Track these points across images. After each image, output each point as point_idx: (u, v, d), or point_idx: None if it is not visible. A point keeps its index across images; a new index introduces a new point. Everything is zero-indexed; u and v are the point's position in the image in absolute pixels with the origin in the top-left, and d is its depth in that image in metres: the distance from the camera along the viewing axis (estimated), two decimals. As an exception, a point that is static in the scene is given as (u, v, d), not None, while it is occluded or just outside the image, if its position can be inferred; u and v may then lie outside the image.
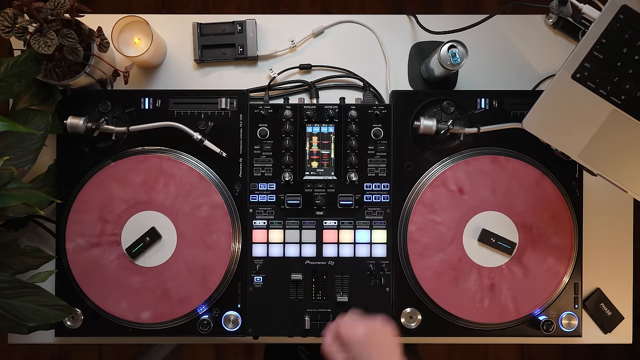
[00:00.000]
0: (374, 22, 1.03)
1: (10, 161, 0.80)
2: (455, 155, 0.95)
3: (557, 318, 0.93)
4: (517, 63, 1.02)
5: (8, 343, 0.98)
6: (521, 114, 0.91)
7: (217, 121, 0.94)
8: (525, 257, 0.93)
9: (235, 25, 1.00)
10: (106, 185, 0.92)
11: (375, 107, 0.95)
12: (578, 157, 0.84)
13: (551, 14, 1.01)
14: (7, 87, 0.82)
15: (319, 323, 0.93)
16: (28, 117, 0.86)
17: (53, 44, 0.81)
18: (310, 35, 1.02)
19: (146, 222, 0.92)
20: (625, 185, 0.83)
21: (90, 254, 0.92)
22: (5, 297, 0.79)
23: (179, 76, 1.02)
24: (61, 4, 0.82)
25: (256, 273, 0.93)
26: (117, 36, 0.93)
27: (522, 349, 1.88)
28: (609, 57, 0.82)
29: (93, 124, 0.90)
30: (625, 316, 1.00)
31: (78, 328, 0.93)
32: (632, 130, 0.83)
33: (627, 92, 0.83)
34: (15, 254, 0.87)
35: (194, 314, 0.93)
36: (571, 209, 0.93)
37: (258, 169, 0.94)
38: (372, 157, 0.95)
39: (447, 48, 0.91)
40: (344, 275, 0.94)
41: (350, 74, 1.01)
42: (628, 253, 1.02)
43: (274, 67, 1.02)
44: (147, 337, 0.95)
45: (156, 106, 0.94)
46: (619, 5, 0.82)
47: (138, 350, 1.78)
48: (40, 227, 0.98)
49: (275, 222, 0.94)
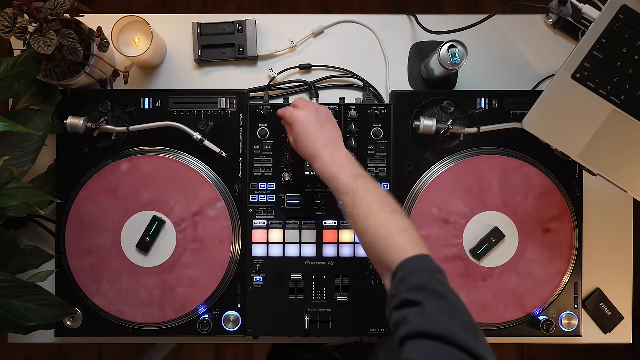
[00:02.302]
0: (374, 22, 1.03)
1: (10, 161, 0.80)
2: (455, 155, 0.95)
3: (557, 318, 0.93)
4: (517, 63, 1.02)
5: (8, 343, 0.98)
6: (521, 114, 0.91)
7: (217, 121, 0.94)
8: (525, 257, 0.93)
9: (235, 25, 1.00)
10: (106, 186, 0.92)
11: (375, 107, 0.95)
12: (578, 157, 0.84)
13: (551, 14, 1.01)
14: (7, 87, 0.82)
15: (319, 323, 0.93)
16: (28, 117, 0.86)
17: (53, 44, 0.81)
18: (310, 35, 1.02)
19: (146, 222, 0.92)
20: (625, 185, 0.83)
21: (90, 254, 0.92)
22: (5, 297, 0.79)
23: (179, 76, 1.02)
24: (61, 4, 0.82)
25: (256, 273, 0.93)
26: (117, 36, 0.93)
27: (522, 349, 1.88)
28: (609, 57, 0.82)
29: (93, 124, 0.90)
30: (625, 316, 1.00)
31: (78, 328, 0.93)
32: (632, 130, 0.83)
33: (627, 92, 0.83)
34: (15, 254, 0.87)
35: (194, 314, 0.93)
36: (571, 209, 0.93)
37: (258, 169, 0.94)
38: (372, 157, 0.95)
39: (447, 48, 0.91)
40: (344, 275, 0.94)
41: (350, 74, 1.01)
42: (628, 253, 1.02)
43: (274, 67, 1.02)
44: (147, 337, 0.94)
45: (156, 106, 0.94)
46: (619, 5, 0.82)
47: (138, 350, 1.78)
48: (40, 227, 0.98)
49: (275, 222, 0.94)
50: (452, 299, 0.65)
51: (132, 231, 0.92)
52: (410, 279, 0.67)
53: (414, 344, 0.60)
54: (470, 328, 0.62)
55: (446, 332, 0.59)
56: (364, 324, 0.93)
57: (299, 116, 0.85)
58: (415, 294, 0.65)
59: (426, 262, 0.69)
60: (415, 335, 0.61)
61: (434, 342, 0.59)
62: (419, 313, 0.63)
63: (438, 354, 0.59)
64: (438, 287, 0.66)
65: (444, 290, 0.66)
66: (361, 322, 0.93)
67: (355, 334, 0.95)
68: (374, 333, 0.93)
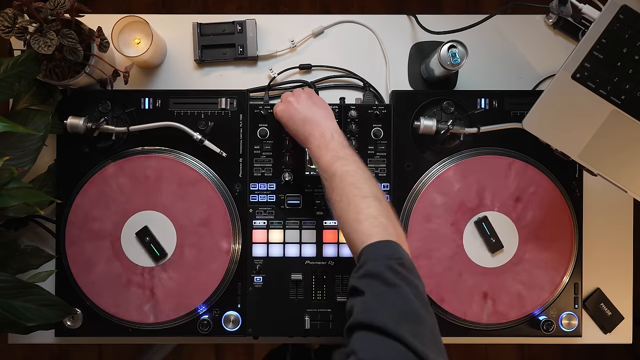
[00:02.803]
0: (374, 22, 1.03)
1: (10, 161, 0.80)
2: (455, 155, 0.95)
3: (557, 318, 0.93)
4: (517, 63, 1.02)
5: (8, 343, 0.98)
6: (521, 114, 0.91)
7: (217, 121, 0.94)
8: (525, 257, 0.93)
9: (235, 25, 1.00)
10: (106, 186, 0.92)
11: (375, 107, 0.95)
12: (578, 157, 0.84)
13: (551, 14, 1.01)
14: (7, 87, 0.82)
15: (319, 323, 0.93)
16: (28, 118, 0.86)
17: (53, 44, 0.81)
18: (310, 35, 1.02)
19: (146, 222, 0.92)
20: (625, 185, 0.83)
21: (90, 253, 0.92)
22: (5, 297, 0.79)
23: (179, 76, 1.02)
24: (61, 4, 0.82)
25: (256, 273, 0.93)
26: (117, 36, 0.93)
27: (522, 349, 1.88)
28: (609, 57, 0.82)
29: (93, 124, 0.90)
30: (625, 316, 1.00)
31: (78, 328, 0.93)
32: (632, 130, 0.83)
33: (627, 92, 0.83)
34: (15, 254, 0.87)
35: (194, 314, 0.93)
36: (571, 209, 0.93)
37: (258, 169, 0.94)
38: (372, 157, 0.95)
39: (447, 48, 0.91)
40: (344, 275, 0.94)
41: (350, 74, 1.01)
42: (628, 253, 1.02)
43: (274, 67, 1.02)
44: (147, 337, 0.94)
45: (156, 106, 0.94)
46: (619, 5, 0.82)
47: (138, 350, 1.78)
48: (40, 227, 0.98)
49: (275, 222, 0.94)
50: (402, 287, 0.62)
51: (132, 231, 0.92)
52: (365, 265, 0.66)
53: (357, 335, 0.59)
54: (410, 318, 0.60)
55: (380, 322, 0.58)
56: (364, 324, 0.93)
57: (280, 112, 0.88)
58: (363, 281, 0.64)
59: (387, 249, 0.67)
60: (357, 326, 0.60)
61: (372, 333, 0.58)
62: (360, 302, 0.62)
63: (375, 345, 0.57)
64: (388, 275, 0.63)
65: (395, 278, 0.63)
66: (361, 322, 0.93)
67: (355, 334, 0.95)
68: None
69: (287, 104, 0.88)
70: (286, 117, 0.88)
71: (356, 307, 0.62)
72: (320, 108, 0.88)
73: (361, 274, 0.65)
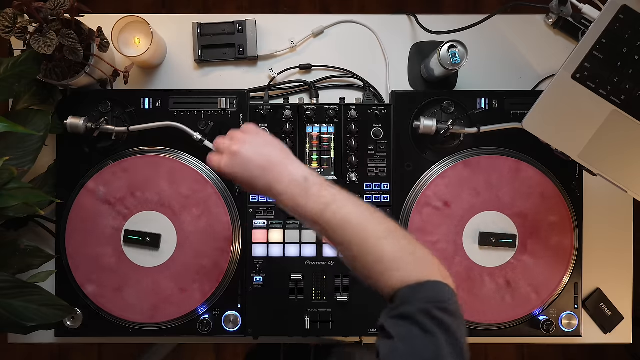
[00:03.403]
0: (374, 22, 1.03)
1: (10, 161, 0.80)
2: (455, 155, 0.95)
3: (557, 318, 0.93)
4: (517, 63, 1.02)
5: (8, 343, 0.99)
6: (521, 114, 0.91)
7: (217, 121, 0.94)
8: (525, 257, 0.93)
9: (235, 25, 1.00)
10: (106, 186, 0.92)
11: (375, 107, 0.95)
12: (578, 157, 0.84)
13: (551, 14, 1.01)
14: (7, 87, 0.82)
15: (319, 323, 0.93)
16: (28, 118, 0.86)
17: (53, 44, 0.81)
18: (310, 35, 1.02)
19: (146, 222, 0.92)
20: (625, 185, 0.83)
21: (90, 254, 0.92)
22: (5, 297, 0.79)
23: (179, 76, 1.02)
24: (61, 4, 0.82)
25: (256, 273, 0.93)
26: (117, 36, 0.93)
27: (522, 349, 1.87)
28: (609, 57, 0.82)
29: (93, 124, 0.90)
30: (625, 316, 1.00)
31: (78, 328, 0.93)
32: (632, 130, 0.83)
33: (627, 92, 0.83)
34: (15, 254, 0.87)
35: (194, 314, 0.93)
36: (571, 209, 0.93)
37: (258, 169, 0.94)
38: (372, 157, 0.95)
39: (447, 48, 0.91)
40: (344, 275, 0.94)
41: (350, 74, 1.01)
42: (628, 253, 1.02)
43: (274, 67, 1.02)
44: (147, 337, 0.95)
45: (156, 106, 0.94)
46: (619, 5, 0.82)
47: (138, 350, 1.78)
48: (40, 227, 0.98)
49: (275, 222, 0.94)
50: (437, 335, 0.58)
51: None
52: (401, 308, 0.60)
53: None
54: None
55: None
56: (364, 324, 0.93)
57: (226, 167, 0.71)
58: (393, 322, 0.60)
59: (428, 291, 0.62)
60: None
61: None
62: (388, 345, 0.58)
63: None
64: (421, 319, 0.58)
65: (432, 324, 0.58)
66: (361, 322, 0.93)
67: (355, 334, 0.95)
68: (375, 333, 0.93)
69: (232, 155, 0.71)
70: (238, 171, 0.70)
71: (382, 350, 0.58)
72: (274, 147, 0.72)
73: (394, 314, 0.60)
